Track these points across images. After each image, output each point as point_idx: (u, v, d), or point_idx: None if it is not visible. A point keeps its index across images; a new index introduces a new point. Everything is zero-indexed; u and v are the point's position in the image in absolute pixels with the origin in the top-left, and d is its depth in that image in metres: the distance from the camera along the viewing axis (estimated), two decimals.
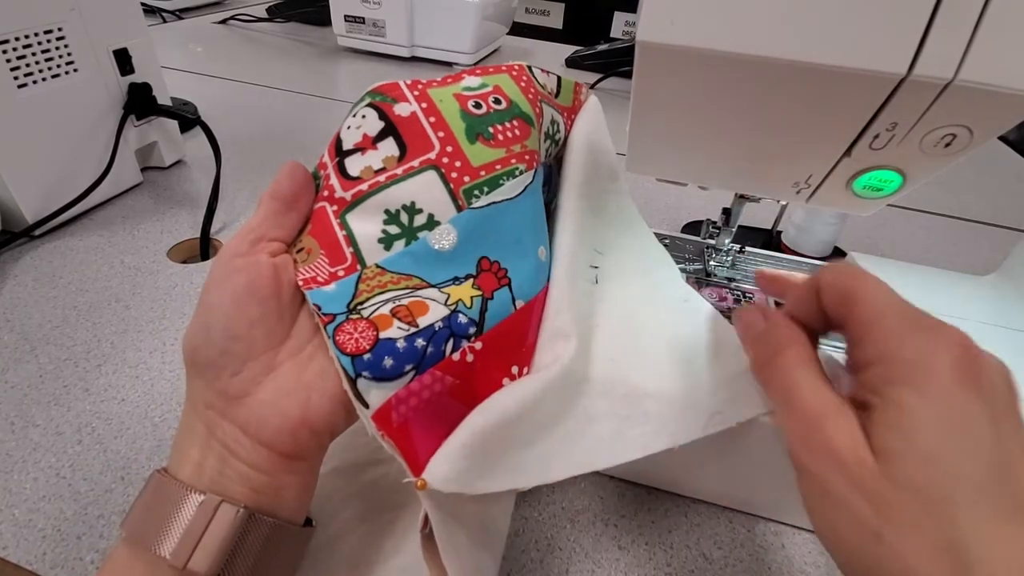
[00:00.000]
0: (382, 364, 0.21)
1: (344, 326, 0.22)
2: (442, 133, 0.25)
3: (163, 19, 1.15)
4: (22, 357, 0.38)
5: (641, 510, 0.33)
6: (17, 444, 0.33)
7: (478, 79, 0.28)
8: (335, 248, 0.24)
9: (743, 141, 0.27)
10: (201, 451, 0.21)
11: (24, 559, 0.28)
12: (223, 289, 0.22)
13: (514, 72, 0.29)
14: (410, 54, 1.00)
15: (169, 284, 0.46)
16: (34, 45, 0.46)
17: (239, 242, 0.23)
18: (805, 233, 0.54)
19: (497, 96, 0.27)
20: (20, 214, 0.48)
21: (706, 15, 0.21)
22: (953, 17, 0.19)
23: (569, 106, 0.32)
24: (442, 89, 0.26)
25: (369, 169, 0.24)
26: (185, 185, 0.60)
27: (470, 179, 0.25)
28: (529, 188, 0.27)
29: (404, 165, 0.24)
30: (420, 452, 0.21)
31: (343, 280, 0.23)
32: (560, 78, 0.32)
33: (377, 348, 0.21)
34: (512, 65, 0.29)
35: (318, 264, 0.24)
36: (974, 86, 0.20)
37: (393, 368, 0.21)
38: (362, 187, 0.24)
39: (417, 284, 0.24)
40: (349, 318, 0.22)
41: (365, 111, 0.25)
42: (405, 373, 0.21)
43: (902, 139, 0.24)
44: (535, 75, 0.30)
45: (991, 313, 0.37)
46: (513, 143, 0.26)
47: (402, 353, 0.21)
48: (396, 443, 0.21)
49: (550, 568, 0.30)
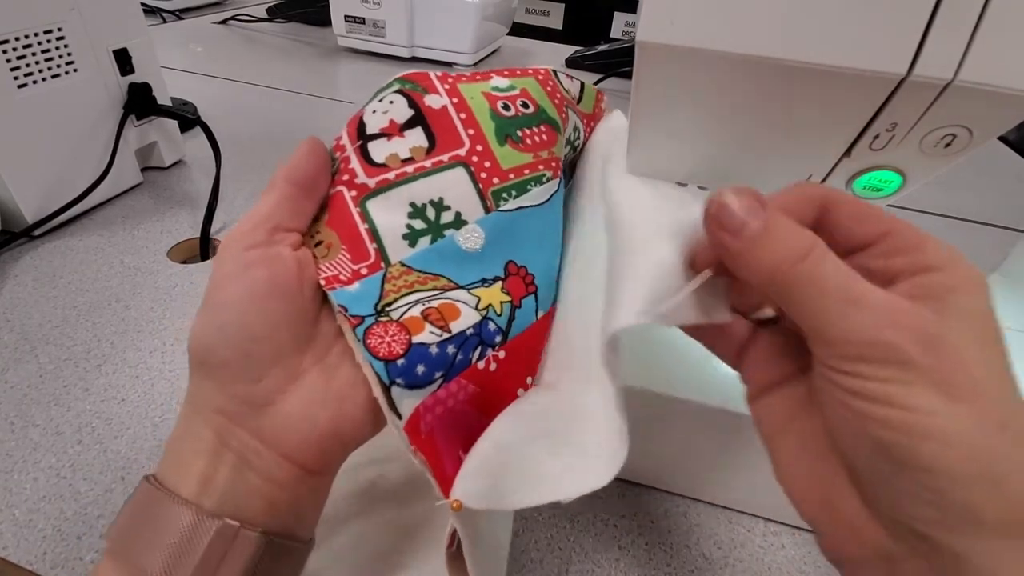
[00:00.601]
0: (415, 371, 0.20)
1: (374, 329, 0.21)
2: (472, 131, 0.24)
3: (163, 19, 1.15)
4: (22, 357, 0.38)
5: (641, 510, 0.33)
6: (17, 444, 0.33)
7: (506, 80, 0.27)
8: (357, 243, 0.22)
9: (743, 141, 0.27)
10: (210, 462, 0.19)
11: (24, 559, 0.28)
12: (239, 284, 0.19)
13: (540, 76, 0.28)
14: (410, 54, 1.00)
15: (169, 284, 0.46)
16: (34, 45, 0.46)
17: (252, 231, 0.20)
18: None
19: (525, 100, 0.26)
20: (20, 214, 0.47)
21: (706, 15, 0.21)
22: (953, 17, 0.19)
23: (590, 113, 0.32)
24: (472, 86, 0.26)
25: (395, 157, 0.23)
26: (185, 185, 0.60)
27: (499, 181, 0.24)
28: (555, 196, 0.26)
29: (433, 158, 0.24)
30: (447, 465, 0.20)
31: (367, 279, 0.22)
32: (583, 84, 0.31)
33: (411, 353, 0.20)
34: (539, 69, 0.29)
35: (340, 261, 0.22)
36: (974, 86, 0.20)
37: (425, 375, 0.20)
38: (388, 175, 0.23)
39: (445, 285, 0.23)
40: (379, 320, 0.21)
41: (393, 97, 0.24)
42: (434, 380, 0.21)
43: (902, 139, 0.24)
44: (560, 80, 0.29)
45: None
46: (540, 148, 0.26)
47: (434, 359, 0.21)
48: (427, 457, 0.20)
49: (550, 568, 0.30)
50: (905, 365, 0.14)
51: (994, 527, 0.14)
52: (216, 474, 0.19)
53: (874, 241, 0.17)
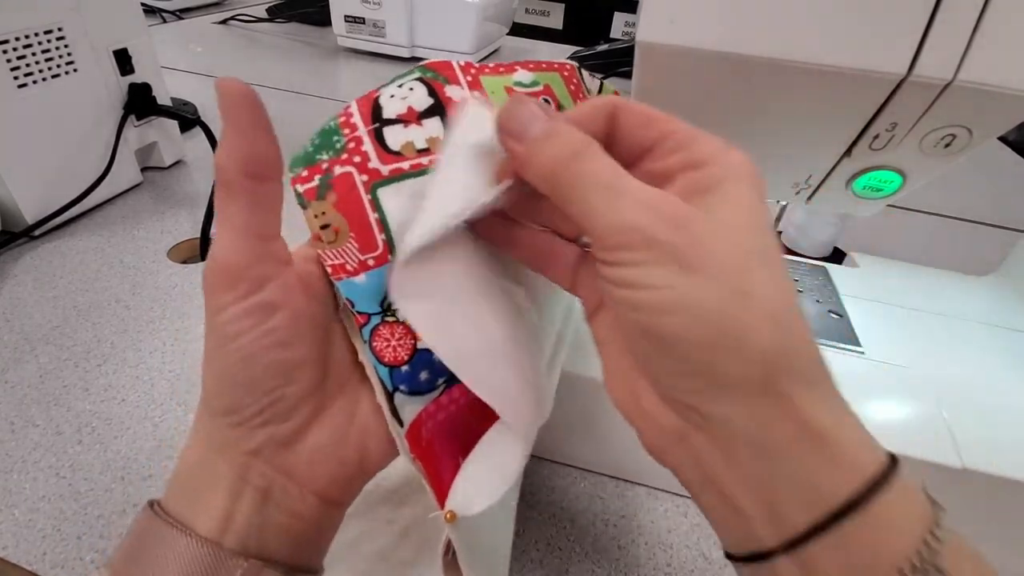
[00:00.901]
0: (418, 377, 0.20)
1: (380, 330, 0.20)
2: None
3: (163, 19, 1.15)
4: (22, 357, 0.38)
5: (641, 510, 0.33)
6: (17, 444, 0.33)
7: (530, 75, 0.26)
8: (366, 232, 0.21)
9: (743, 141, 0.27)
10: (229, 499, 0.18)
11: (24, 559, 0.28)
12: (257, 330, 0.18)
13: (566, 72, 0.27)
14: (410, 54, 1.00)
15: (169, 284, 0.46)
16: (34, 45, 0.46)
17: (241, 255, 0.18)
18: (805, 233, 0.54)
19: (547, 97, 0.26)
20: (20, 214, 0.48)
21: (706, 15, 0.21)
22: (953, 17, 0.19)
23: None
24: (495, 79, 0.25)
25: (411, 146, 0.22)
26: (185, 185, 0.60)
27: None
28: None
29: None
30: (444, 473, 0.20)
31: (374, 271, 0.21)
32: (603, 84, 0.30)
33: (415, 360, 0.20)
34: (564, 64, 0.27)
35: (347, 249, 0.21)
36: (974, 86, 0.20)
37: (428, 382, 0.20)
38: (403, 165, 0.22)
39: None
40: (384, 320, 0.20)
41: (413, 84, 0.23)
42: (437, 387, 0.20)
43: (902, 139, 0.24)
44: (584, 78, 0.28)
45: (991, 313, 0.37)
46: None
47: (438, 365, 0.20)
48: (425, 466, 0.20)
49: (550, 568, 0.30)
50: (651, 245, 0.15)
51: (744, 387, 0.15)
52: (236, 512, 0.18)
53: (655, 143, 0.17)
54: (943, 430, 0.29)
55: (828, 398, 0.15)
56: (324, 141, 0.23)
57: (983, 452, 0.28)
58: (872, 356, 0.33)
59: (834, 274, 0.40)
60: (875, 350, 0.33)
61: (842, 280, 0.40)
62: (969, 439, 0.28)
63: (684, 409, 0.16)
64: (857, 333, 0.35)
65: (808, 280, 0.40)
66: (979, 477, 0.27)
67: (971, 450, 0.28)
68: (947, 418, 0.29)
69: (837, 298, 0.38)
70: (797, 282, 0.40)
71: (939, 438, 0.28)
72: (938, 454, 0.28)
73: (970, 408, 0.30)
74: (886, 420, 0.30)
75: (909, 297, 0.38)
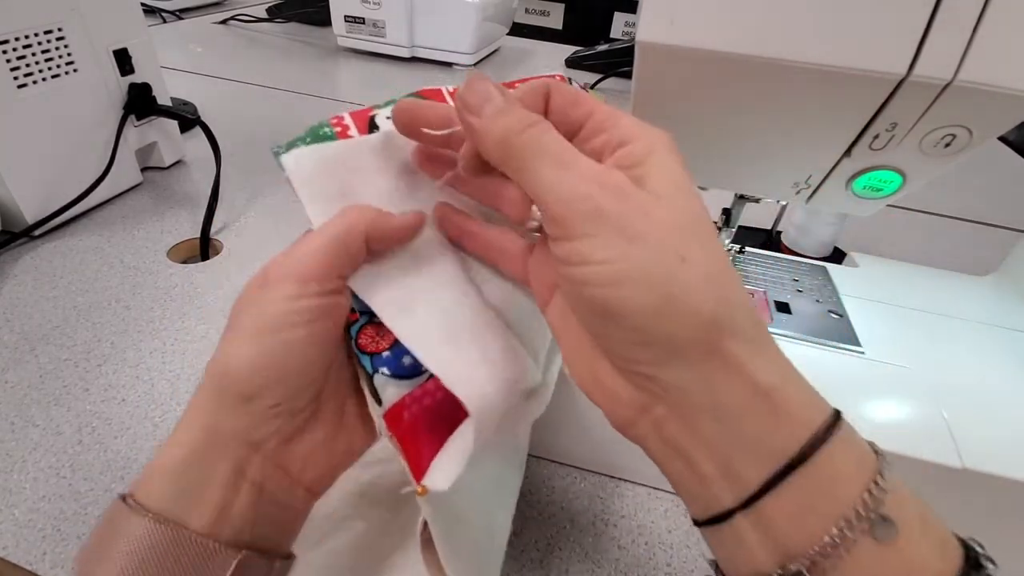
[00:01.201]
0: (401, 361, 0.21)
1: (367, 329, 0.21)
2: None
3: (163, 19, 1.15)
4: (22, 357, 0.38)
5: (641, 510, 0.33)
6: (17, 444, 0.33)
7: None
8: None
9: (743, 141, 0.27)
10: (225, 493, 0.18)
11: (24, 559, 0.28)
12: (316, 325, 0.19)
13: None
14: (410, 54, 1.00)
15: (169, 284, 0.46)
16: (34, 45, 0.46)
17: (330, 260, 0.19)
18: (805, 233, 0.54)
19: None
20: (20, 214, 0.48)
21: (706, 15, 0.21)
22: (953, 17, 0.19)
23: None
24: None
25: None
26: (185, 185, 0.60)
27: None
28: None
29: None
30: (424, 454, 0.21)
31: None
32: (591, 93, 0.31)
33: (396, 347, 0.21)
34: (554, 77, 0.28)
35: None
36: (973, 86, 0.20)
37: (412, 367, 0.21)
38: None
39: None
40: (372, 322, 0.21)
41: None
42: (422, 372, 0.21)
43: (902, 139, 0.24)
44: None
45: (991, 313, 0.37)
46: None
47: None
48: (402, 444, 0.21)
49: (550, 568, 0.30)
50: (598, 216, 0.16)
51: (692, 350, 0.15)
52: (232, 507, 0.18)
53: (583, 123, 0.18)
54: (943, 430, 0.29)
55: (772, 357, 0.16)
56: (315, 137, 0.24)
57: (983, 452, 0.28)
58: (872, 356, 0.33)
59: (834, 274, 0.40)
60: (875, 350, 0.33)
61: (842, 280, 0.40)
62: (969, 439, 0.28)
63: (642, 380, 0.17)
64: (857, 333, 0.35)
65: (808, 280, 0.40)
66: (979, 477, 0.27)
67: (971, 450, 0.28)
68: (947, 418, 0.29)
69: (837, 298, 0.38)
70: (797, 282, 0.40)
71: (939, 438, 0.28)
72: (938, 454, 0.27)
73: (970, 408, 0.30)
74: (886, 420, 0.30)
75: (909, 297, 0.38)
